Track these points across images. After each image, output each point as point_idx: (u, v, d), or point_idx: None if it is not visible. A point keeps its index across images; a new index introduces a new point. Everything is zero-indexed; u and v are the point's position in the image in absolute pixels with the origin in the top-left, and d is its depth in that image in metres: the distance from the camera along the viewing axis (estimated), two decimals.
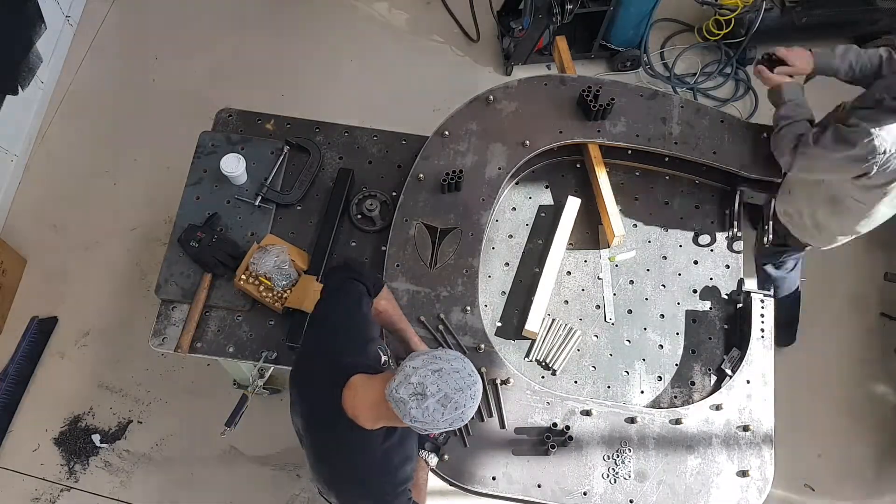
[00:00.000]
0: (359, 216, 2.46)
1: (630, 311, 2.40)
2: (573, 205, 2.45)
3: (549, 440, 2.10)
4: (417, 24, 4.13)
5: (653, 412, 2.19)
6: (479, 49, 4.05)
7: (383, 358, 1.99)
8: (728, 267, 2.47)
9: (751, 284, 2.41)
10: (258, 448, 3.15)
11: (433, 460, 2.06)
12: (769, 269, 2.87)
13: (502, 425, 2.15)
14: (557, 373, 2.30)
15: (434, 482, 2.14)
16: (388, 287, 2.26)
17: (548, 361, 2.31)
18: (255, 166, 2.50)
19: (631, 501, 2.10)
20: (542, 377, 2.29)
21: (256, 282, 2.28)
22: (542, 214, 2.53)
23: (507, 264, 2.46)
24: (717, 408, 2.20)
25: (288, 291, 2.28)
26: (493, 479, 2.11)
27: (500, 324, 2.38)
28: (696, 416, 2.19)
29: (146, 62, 3.96)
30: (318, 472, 1.74)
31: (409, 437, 1.76)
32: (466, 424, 2.12)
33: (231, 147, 2.52)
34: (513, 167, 2.47)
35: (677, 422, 2.18)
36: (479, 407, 2.02)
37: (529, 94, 2.56)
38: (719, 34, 3.84)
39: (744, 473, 2.14)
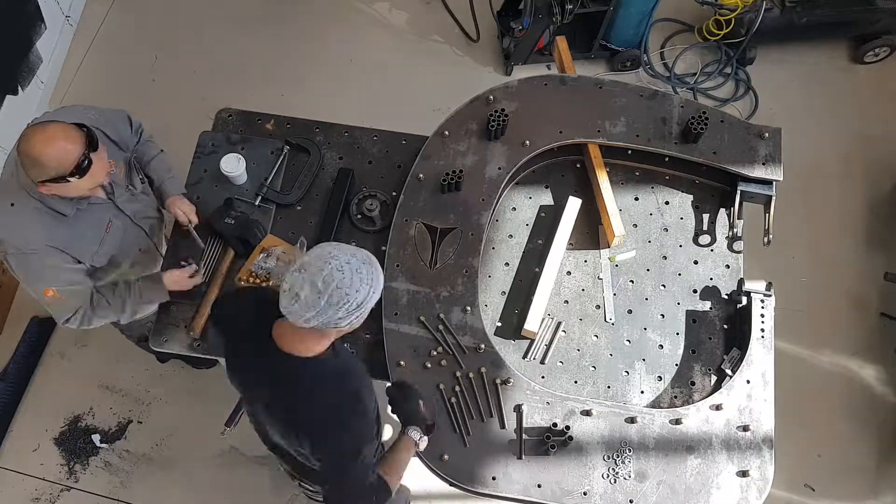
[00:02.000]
0: (359, 216, 2.46)
1: (630, 311, 2.40)
2: (573, 205, 2.45)
3: (549, 440, 2.10)
4: (417, 24, 4.12)
5: (653, 412, 2.19)
6: (479, 49, 4.05)
7: None
8: (728, 267, 2.47)
9: (751, 284, 2.41)
10: (258, 448, 3.12)
11: (423, 443, 1.99)
12: None
13: (502, 425, 2.15)
14: (546, 362, 2.31)
15: (434, 482, 2.14)
16: (386, 286, 2.28)
17: (536, 357, 2.32)
18: (255, 166, 2.50)
19: (631, 501, 2.10)
20: (542, 377, 2.29)
21: (257, 282, 2.28)
22: (542, 214, 2.53)
23: (507, 264, 2.46)
24: (717, 408, 2.20)
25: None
26: (493, 479, 2.11)
27: (499, 324, 2.38)
28: (696, 416, 2.19)
29: (146, 62, 3.96)
30: (288, 427, 1.75)
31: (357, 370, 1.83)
32: (466, 424, 2.13)
33: (231, 147, 2.53)
34: (513, 167, 2.47)
35: (677, 422, 2.18)
36: (478, 408, 2.01)
37: (529, 94, 2.56)
38: (719, 34, 3.84)
39: (744, 473, 2.14)
